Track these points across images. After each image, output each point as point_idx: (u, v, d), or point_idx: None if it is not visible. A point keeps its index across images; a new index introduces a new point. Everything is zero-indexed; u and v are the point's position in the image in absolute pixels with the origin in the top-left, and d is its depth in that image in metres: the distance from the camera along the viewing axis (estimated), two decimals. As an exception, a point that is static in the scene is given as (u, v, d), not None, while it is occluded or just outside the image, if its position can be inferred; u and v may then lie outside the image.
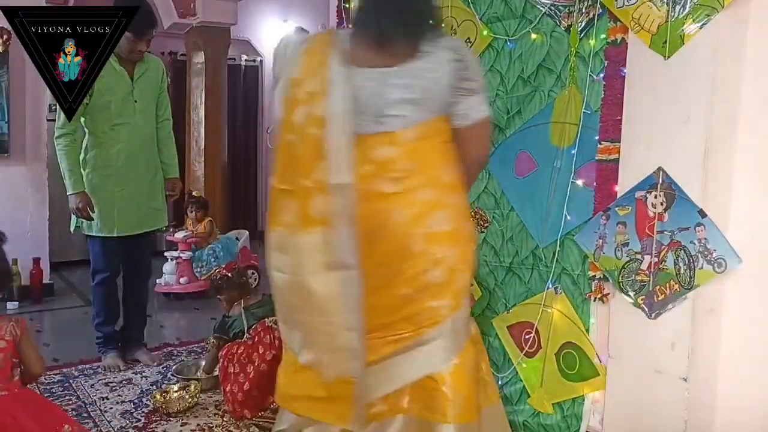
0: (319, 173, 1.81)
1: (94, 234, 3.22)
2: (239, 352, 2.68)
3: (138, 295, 3.45)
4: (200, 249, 4.84)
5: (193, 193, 5.17)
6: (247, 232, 5.25)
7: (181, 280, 4.70)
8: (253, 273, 4.90)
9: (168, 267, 4.76)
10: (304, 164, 1.86)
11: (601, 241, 2.14)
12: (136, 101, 3.23)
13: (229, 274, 3.05)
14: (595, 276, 2.21)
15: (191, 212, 4.96)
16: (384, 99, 1.84)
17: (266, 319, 2.77)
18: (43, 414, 1.92)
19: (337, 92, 1.82)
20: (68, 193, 3.16)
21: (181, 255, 4.77)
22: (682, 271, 1.94)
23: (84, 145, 3.23)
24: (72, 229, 3.29)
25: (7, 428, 1.79)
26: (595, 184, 2.21)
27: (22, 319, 2.01)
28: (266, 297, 2.96)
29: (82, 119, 3.19)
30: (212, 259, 4.77)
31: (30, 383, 2.02)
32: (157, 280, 4.72)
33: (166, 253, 4.83)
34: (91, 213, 3.13)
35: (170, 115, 3.48)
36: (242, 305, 2.92)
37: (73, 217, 3.22)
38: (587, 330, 2.28)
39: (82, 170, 3.18)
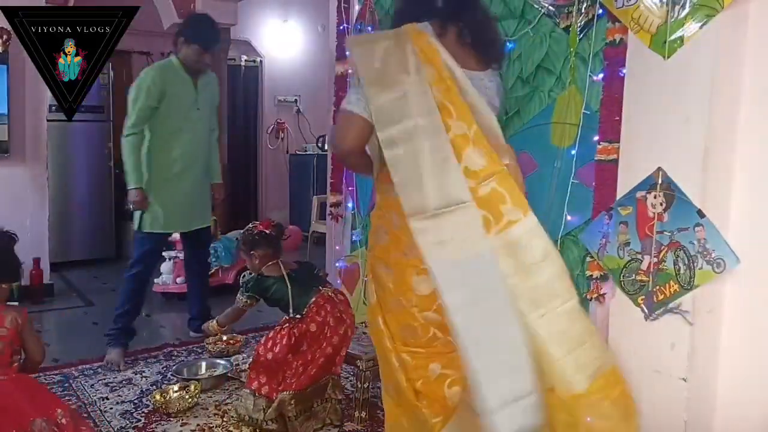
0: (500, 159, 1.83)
1: (155, 231, 3.46)
2: (312, 330, 2.56)
3: (204, 282, 3.91)
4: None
5: None
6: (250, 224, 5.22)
7: (178, 279, 4.68)
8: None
9: (165, 267, 4.75)
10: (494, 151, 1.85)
11: (604, 240, 2.14)
12: (198, 109, 3.52)
13: (268, 231, 2.83)
14: (593, 275, 2.21)
15: None
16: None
17: (324, 290, 2.67)
18: (39, 397, 1.99)
19: (470, 85, 1.85)
20: (128, 188, 3.39)
21: (179, 255, 4.71)
22: (681, 272, 1.94)
23: (146, 147, 3.42)
24: (136, 227, 3.50)
25: (6, 410, 1.87)
26: (594, 184, 2.21)
27: (24, 309, 2.10)
28: (304, 263, 2.86)
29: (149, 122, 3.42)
30: (212, 259, 4.77)
31: (33, 372, 2.10)
32: (155, 280, 4.71)
33: (164, 253, 4.78)
34: (145, 205, 3.39)
35: (217, 126, 3.81)
36: (283, 269, 2.71)
37: (136, 214, 3.46)
38: (586, 330, 2.28)
39: (141, 167, 3.40)
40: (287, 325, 2.60)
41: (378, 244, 1.96)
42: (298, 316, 2.60)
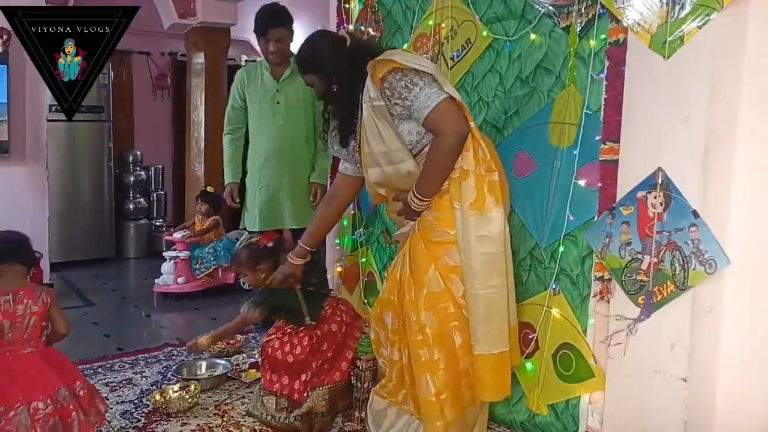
0: None
1: (247, 228, 3.52)
2: (334, 330, 2.62)
3: None
4: (200, 247, 4.79)
5: (207, 188, 5.11)
6: (247, 233, 5.21)
7: (179, 280, 4.67)
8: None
9: (166, 267, 4.75)
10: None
11: (607, 240, 2.14)
12: (278, 103, 3.39)
13: (271, 244, 2.78)
14: (603, 276, 2.20)
15: (199, 206, 4.90)
16: None
17: (333, 294, 2.76)
18: (63, 369, 2.22)
19: None
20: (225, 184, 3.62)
21: (180, 255, 4.73)
22: (677, 272, 1.94)
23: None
24: (240, 226, 3.73)
25: (36, 379, 2.10)
26: (599, 184, 2.20)
27: (52, 289, 2.32)
28: (312, 269, 2.79)
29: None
30: (211, 258, 4.73)
31: (56, 342, 2.30)
32: (155, 281, 4.72)
33: (164, 253, 4.80)
34: (233, 202, 3.55)
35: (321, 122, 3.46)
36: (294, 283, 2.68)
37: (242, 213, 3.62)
38: (585, 330, 2.28)
39: (238, 165, 3.54)
40: (302, 328, 2.61)
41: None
42: (312, 322, 2.61)
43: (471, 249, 2.15)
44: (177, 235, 4.81)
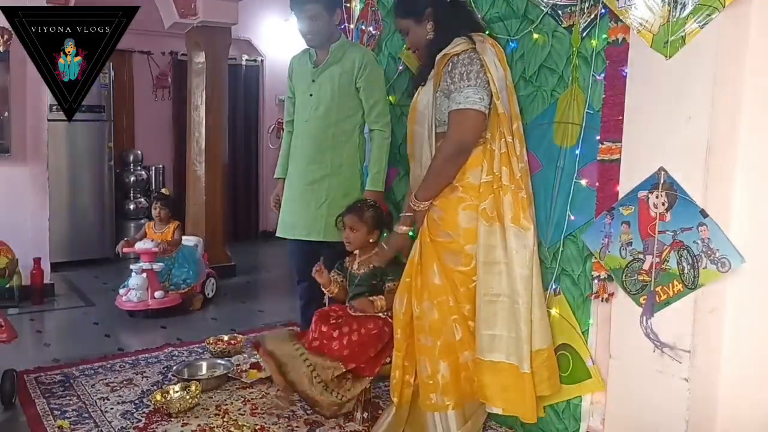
0: None
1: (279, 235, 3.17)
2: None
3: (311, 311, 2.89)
4: (169, 258, 4.35)
5: (162, 191, 4.92)
6: (201, 240, 4.93)
7: (156, 294, 4.17)
8: (211, 279, 4.72)
9: (135, 280, 4.15)
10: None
11: (606, 240, 2.14)
12: (311, 95, 2.99)
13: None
14: (599, 276, 2.19)
15: (155, 209, 4.46)
16: None
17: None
18: None
19: None
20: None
21: (153, 267, 4.18)
22: (686, 271, 1.93)
23: None
24: None
25: None
26: (597, 184, 2.20)
27: None
28: None
29: None
30: (188, 271, 4.42)
31: None
32: (123, 297, 4.21)
33: (132, 266, 4.25)
34: (275, 203, 3.23)
35: (386, 126, 2.97)
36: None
37: None
38: (586, 331, 2.28)
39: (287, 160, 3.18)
40: (381, 322, 2.62)
41: (469, 227, 2.30)
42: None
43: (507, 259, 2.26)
44: (144, 245, 4.23)
